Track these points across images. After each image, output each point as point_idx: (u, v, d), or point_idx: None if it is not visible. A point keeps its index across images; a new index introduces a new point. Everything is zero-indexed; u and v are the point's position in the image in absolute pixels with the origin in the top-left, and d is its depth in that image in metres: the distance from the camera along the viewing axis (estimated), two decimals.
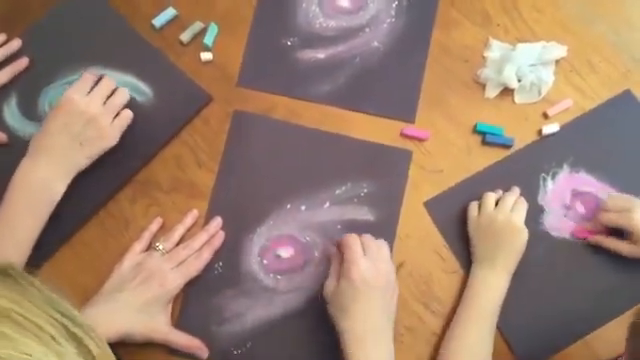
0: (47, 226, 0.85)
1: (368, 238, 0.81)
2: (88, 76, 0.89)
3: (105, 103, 0.87)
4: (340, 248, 0.80)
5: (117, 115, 0.88)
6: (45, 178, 0.84)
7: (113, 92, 0.89)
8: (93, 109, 0.85)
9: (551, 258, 0.90)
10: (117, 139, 0.88)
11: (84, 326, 0.49)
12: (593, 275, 0.89)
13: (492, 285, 0.85)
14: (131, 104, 0.93)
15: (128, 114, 0.89)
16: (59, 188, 0.84)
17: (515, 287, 0.86)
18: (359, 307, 0.76)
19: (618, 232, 0.87)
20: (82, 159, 0.86)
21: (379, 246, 0.81)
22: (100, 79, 0.90)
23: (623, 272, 0.89)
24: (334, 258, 0.82)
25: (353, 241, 0.79)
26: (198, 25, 0.98)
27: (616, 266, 0.89)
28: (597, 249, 0.90)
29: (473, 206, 0.90)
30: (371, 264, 0.77)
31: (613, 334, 0.87)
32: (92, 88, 0.88)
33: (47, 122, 0.85)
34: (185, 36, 0.97)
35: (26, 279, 0.49)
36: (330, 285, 0.79)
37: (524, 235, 0.86)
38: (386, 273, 0.79)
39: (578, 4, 1.00)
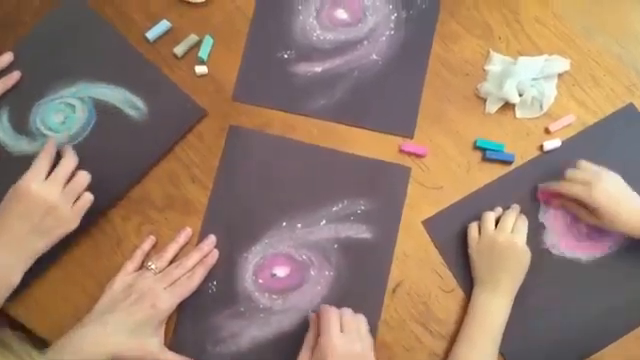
0: None
1: (346, 313, 0.80)
2: (45, 156, 0.83)
3: (65, 187, 0.82)
4: (318, 318, 0.80)
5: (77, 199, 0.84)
6: (2, 266, 0.80)
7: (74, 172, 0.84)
8: (52, 198, 0.80)
9: (552, 277, 0.89)
10: (77, 223, 0.83)
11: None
12: (594, 295, 0.88)
13: (494, 308, 0.84)
14: (124, 119, 0.91)
15: (88, 198, 0.83)
16: (17, 273, 0.81)
17: (515, 308, 0.85)
18: None
19: None
20: (41, 246, 0.82)
21: (357, 322, 0.80)
22: (60, 151, 0.85)
23: (625, 292, 0.88)
24: (311, 326, 0.81)
25: (332, 315, 0.78)
26: (193, 38, 0.96)
27: (618, 286, 0.88)
28: (598, 268, 0.88)
29: (473, 227, 0.88)
30: (345, 342, 0.76)
31: (613, 357, 0.86)
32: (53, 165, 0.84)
33: (3, 209, 0.80)
34: (179, 49, 0.95)
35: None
36: (304, 356, 0.79)
37: (527, 257, 0.85)
38: (361, 352, 0.77)
39: (581, 17, 0.98)
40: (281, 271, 0.89)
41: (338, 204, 0.91)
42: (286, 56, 0.96)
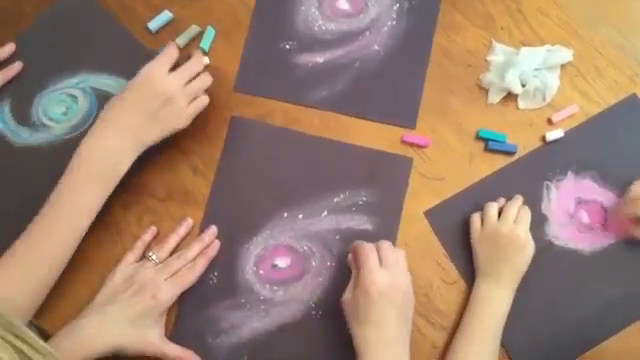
0: None
1: (386, 247, 0.79)
2: (170, 50, 0.85)
3: (186, 85, 0.84)
4: (355, 256, 0.78)
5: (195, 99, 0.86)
6: (112, 149, 0.81)
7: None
8: (172, 90, 0.82)
9: (554, 268, 0.88)
10: (188, 122, 0.85)
11: (41, 350, 0.48)
12: (597, 287, 0.87)
13: (496, 300, 0.83)
14: None
15: (204, 101, 0.86)
16: (125, 161, 0.82)
17: (518, 300, 0.84)
18: (373, 318, 0.75)
19: None
20: (152, 136, 0.84)
21: (397, 257, 0.79)
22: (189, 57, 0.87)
23: (627, 284, 0.87)
24: (352, 269, 0.80)
25: (370, 251, 0.77)
26: (194, 29, 0.96)
27: (621, 278, 0.88)
28: (600, 259, 0.88)
29: (475, 218, 0.87)
30: (387, 276, 0.75)
31: (614, 349, 0.85)
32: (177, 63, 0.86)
33: (123, 94, 0.83)
34: (181, 40, 0.95)
35: None
36: (347, 296, 0.78)
37: (530, 249, 0.84)
38: (403, 286, 0.77)
39: (584, 7, 0.97)
40: (282, 262, 0.88)
41: (340, 195, 0.90)
42: (288, 47, 0.96)
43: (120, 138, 0.81)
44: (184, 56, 0.86)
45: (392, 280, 0.76)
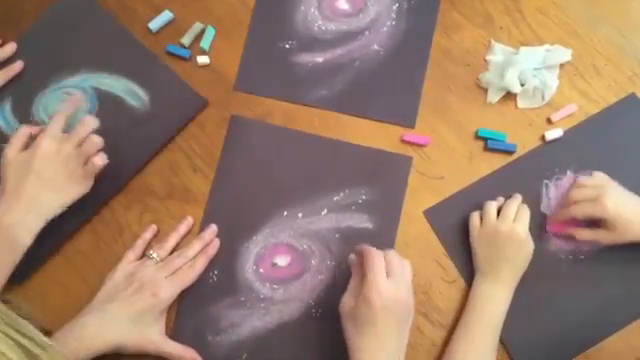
0: (39, 234, 0.84)
1: (392, 257, 0.77)
2: (60, 115, 0.86)
3: (77, 149, 0.83)
4: (361, 260, 0.77)
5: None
6: (11, 228, 0.79)
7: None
8: (63, 154, 0.82)
9: (553, 268, 0.88)
10: (89, 185, 0.85)
11: (44, 345, 0.49)
12: (596, 286, 0.87)
13: (495, 298, 0.84)
14: (126, 109, 0.92)
15: (98, 161, 0.83)
16: (24, 238, 0.80)
17: (517, 298, 0.84)
18: (375, 330, 0.73)
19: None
20: (54, 205, 0.82)
21: (403, 267, 0.77)
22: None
23: (627, 283, 0.87)
24: (354, 271, 0.78)
25: (378, 258, 0.75)
26: (197, 26, 0.96)
27: (620, 277, 0.88)
28: (600, 258, 0.88)
29: (475, 216, 0.88)
30: (392, 288, 0.74)
31: (615, 347, 0.85)
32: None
33: (19, 167, 0.81)
34: (186, 39, 0.95)
35: None
36: (347, 302, 0.76)
37: (529, 247, 0.85)
38: (407, 299, 0.76)
39: (583, 6, 0.97)
40: (282, 260, 0.89)
41: (339, 194, 0.90)
42: (287, 46, 0.96)
43: (19, 216, 0.80)
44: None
45: (397, 292, 0.74)
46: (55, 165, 0.82)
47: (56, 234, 0.87)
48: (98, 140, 0.84)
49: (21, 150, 0.83)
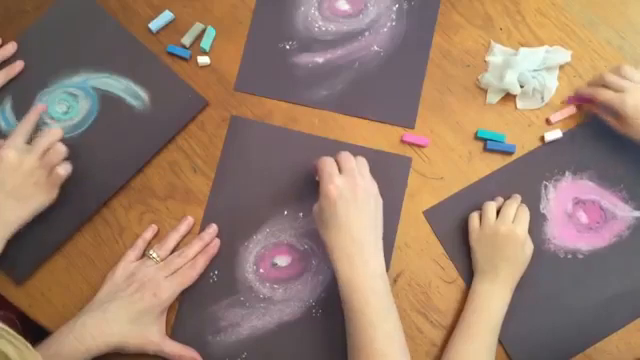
0: (40, 234, 0.84)
1: (344, 155, 0.81)
2: (24, 124, 0.86)
3: (42, 157, 0.83)
4: (317, 169, 0.81)
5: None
6: None
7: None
8: (27, 165, 0.82)
9: (553, 268, 0.88)
10: (54, 194, 0.84)
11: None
12: (595, 286, 0.88)
13: (494, 299, 0.84)
14: (126, 109, 0.92)
15: (62, 170, 0.83)
16: None
17: (516, 298, 0.85)
18: (339, 220, 0.76)
19: None
20: (19, 214, 0.82)
21: (357, 161, 0.81)
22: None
23: (626, 283, 0.88)
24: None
25: (327, 161, 0.80)
26: (198, 27, 0.96)
27: (619, 277, 0.88)
28: (599, 258, 0.88)
29: (474, 217, 0.88)
30: (347, 179, 0.78)
31: (614, 347, 0.86)
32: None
33: None
34: (187, 39, 0.95)
35: None
36: (315, 206, 0.80)
37: (528, 248, 0.85)
38: (364, 186, 0.79)
39: (582, 8, 0.98)
40: (282, 260, 0.89)
41: None
42: (288, 47, 0.97)
43: None
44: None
45: (351, 182, 0.78)
46: (18, 176, 0.82)
47: (57, 234, 0.88)
48: (62, 149, 0.84)
49: None
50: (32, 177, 0.82)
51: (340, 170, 0.79)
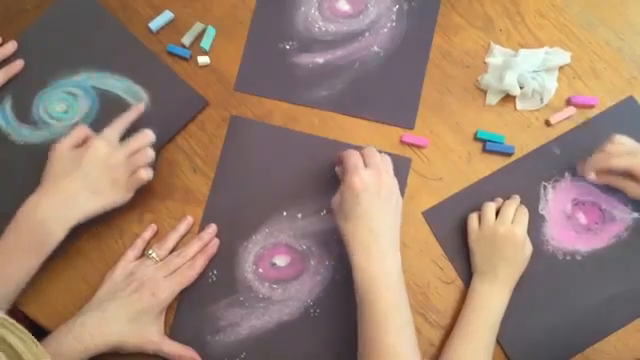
0: None
1: (370, 150, 0.82)
2: (123, 120, 0.87)
3: (129, 158, 0.84)
4: (341, 161, 0.81)
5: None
6: (45, 220, 0.80)
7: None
8: (114, 161, 0.83)
9: (551, 269, 0.89)
10: (130, 195, 0.85)
11: (6, 324, 0.50)
12: (593, 287, 0.88)
13: (493, 299, 0.84)
14: (126, 108, 0.92)
15: (144, 175, 0.84)
16: (58, 234, 0.80)
17: (515, 299, 0.85)
18: (358, 211, 0.77)
19: None
20: (91, 207, 0.82)
21: (382, 158, 0.81)
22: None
23: (624, 284, 0.88)
24: (341, 176, 0.82)
25: (354, 154, 0.80)
26: (198, 26, 0.96)
27: (617, 278, 0.88)
28: (598, 259, 0.88)
29: (473, 217, 0.88)
30: (372, 173, 0.78)
31: (613, 348, 0.86)
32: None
33: (68, 162, 0.82)
34: (187, 39, 0.96)
35: None
36: (336, 199, 0.80)
37: (528, 249, 0.85)
38: (388, 182, 0.80)
39: (582, 9, 0.98)
40: (281, 261, 0.89)
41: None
42: (288, 47, 0.97)
43: (55, 210, 0.80)
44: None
45: (375, 176, 0.78)
46: (102, 168, 0.82)
47: None
48: (150, 154, 0.85)
49: (73, 147, 0.84)
50: (114, 173, 0.83)
51: (365, 164, 0.79)
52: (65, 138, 0.84)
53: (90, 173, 0.81)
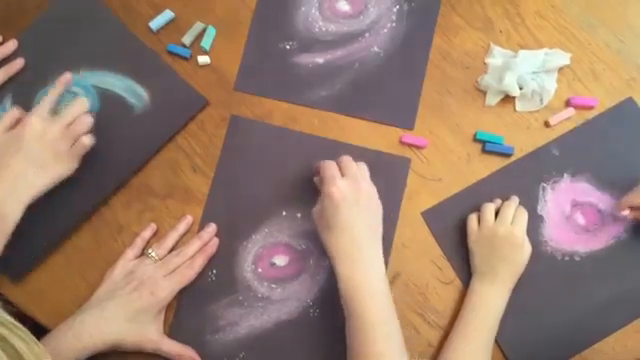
0: (38, 231, 0.84)
1: (346, 160, 0.82)
2: (51, 94, 0.87)
3: (67, 127, 0.84)
4: (319, 173, 0.81)
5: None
6: None
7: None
8: (51, 133, 0.82)
9: (550, 270, 0.89)
10: (75, 165, 0.85)
11: (7, 324, 0.50)
12: (592, 288, 0.88)
13: (493, 299, 0.84)
14: (126, 107, 0.92)
15: (85, 142, 0.85)
16: (12, 215, 0.79)
17: (513, 299, 0.85)
18: (339, 222, 0.77)
19: None
20: (39, 182, 0.82)
21: (358, 166, 0.82)
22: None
23: (622, 285, 0.88)
24: (318, 184, 0.83)
25: (330, 164, 0.81)
26: (199, 26, 0.96)
27: (616, 279, 0.88)
28: (596, 260, 0.89)
29: (472, 218, 0.88)
30: (350, 182, 0.79)
31: (611, 348, 0.86)
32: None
33: (6, 144, 0.82)
34: (187, 39, 0.96)
35: None
36: (316, 209, 0.81)
37: (527, 249, 0.85)
38: (366, 190, 0.80)
39: (582, 11, 0.98)
40: (280, 260, 0.89)
41: None
42: (288, 47, 0.97)
43: (6, 192, 0.80)
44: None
45: (354, 185, 0.78)
46: (42, 143, 0.82)
47: (56, 232, 0.88)
48: (88, 120, 0.85)
49: (8, 129, 0.84)
50: (55, 146, 0.83)
51: (342, 173, 0.80)
52: (35, 108, 0.85)
53: (32, 150, 0.81)
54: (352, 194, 0.78)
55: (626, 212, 0.87)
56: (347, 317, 0.77)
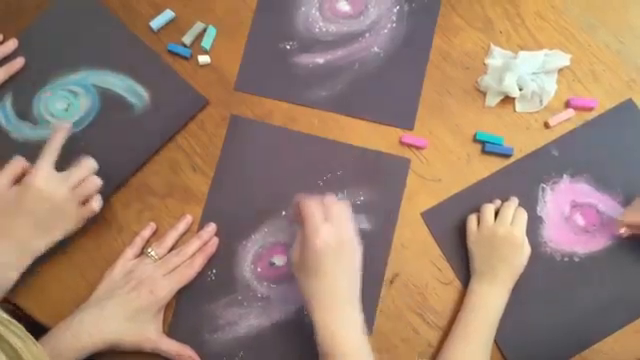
0: None
1: (328, 201, 0.77)
2: (51, 147, 0.82)
3: (75, 189, 0.82)
4: (299, 212, 0.77)
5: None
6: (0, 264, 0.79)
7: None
8: (59, 196, 0.80)
9: (549, 270, 0.89)
10: (80, 225, 0.84)
11: (3, 321, 0.50)
12: (591, 289, 0.88)
13: (491, 300, 0.84)
14: (126, 107, 0.92)
15: (94, 206, 0.83)
16: (12, 276, 0.80)
17: (513, 300, 0.85)
18: (323, 271, 0.74)
19: None
20: (41, 246, 0.82)
21: (340, 209, 0.77)
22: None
23: (621, 286, 0.88)
24: (299, 225, 0.78)
25: (313, 206, 0.76)
26: (199, 26, 0.96)
27: (615, 280, 0.88)
28: (596, 261, 0.89)
29: (472, 219, 0.88)
30: (332, 230, 0.75)
31: (610, 349, 0.86)
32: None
33: (8, 203, 0.80)
34: (187, 38, 0.96)
35: None
36: (295, 253, 0.77)
37: (526, 250, 0.86)
38: (349, 238, 0.76)
39: (582, 12, 0.98)
40: (280, 260, 0.89)
41: (337, 194, 0.91)
42: (288, 47, 0.97)
43: (8, 256, 0.80)
44: None
45: (336, 232, 0.75)
46: (48, 207, 0.80)
47: None
48: (97, 182, 0.84)
49: (12, 183, 0.81)
50: (62, 209, 0.81)
51: (325, 215, 0.76)
52: (1, 174, 0.81)
53: (37, 214, 0.80)
54: (335, 243, 0.74)
55: (622, 230, 0.87)
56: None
